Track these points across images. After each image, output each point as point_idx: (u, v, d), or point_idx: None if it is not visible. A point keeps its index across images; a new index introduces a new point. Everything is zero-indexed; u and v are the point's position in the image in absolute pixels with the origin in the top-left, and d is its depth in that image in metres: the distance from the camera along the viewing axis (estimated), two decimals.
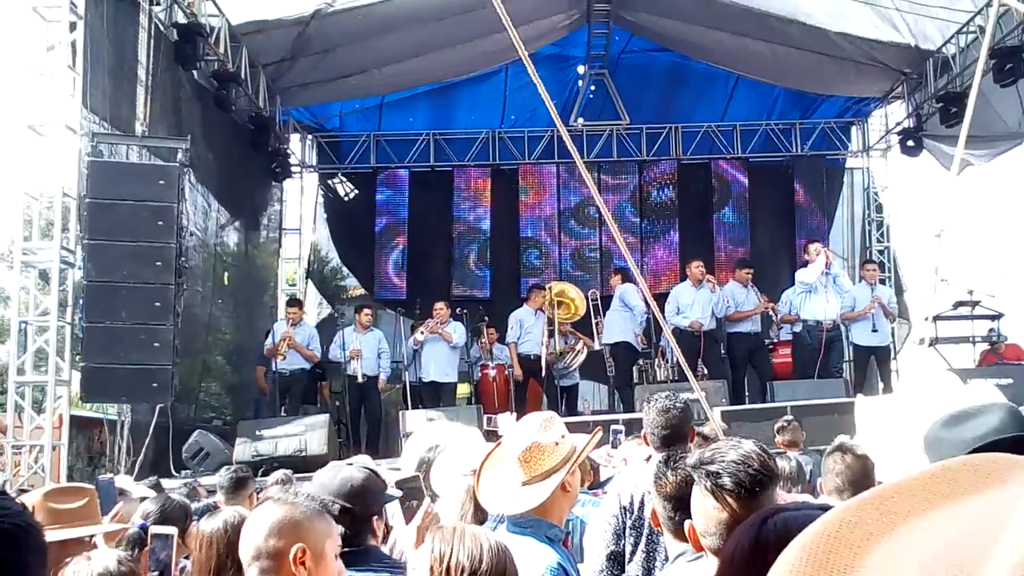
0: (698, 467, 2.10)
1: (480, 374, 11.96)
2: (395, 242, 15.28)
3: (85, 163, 8.93)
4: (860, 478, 3.13)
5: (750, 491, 2.02)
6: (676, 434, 3.75)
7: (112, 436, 11.04)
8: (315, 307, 15.68)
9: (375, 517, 2.81)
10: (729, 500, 2.03)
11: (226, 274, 13.06)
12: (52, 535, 2.40)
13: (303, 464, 8.49)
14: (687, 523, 2.16)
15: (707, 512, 2.07)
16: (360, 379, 11.53)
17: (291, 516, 2.17)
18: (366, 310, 12.11)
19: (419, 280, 14.97)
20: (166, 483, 7.42)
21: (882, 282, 14.26)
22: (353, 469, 2.87)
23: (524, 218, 15.42)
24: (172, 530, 3.49)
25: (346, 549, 2.47)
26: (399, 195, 15.43)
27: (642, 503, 3.65)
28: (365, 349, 11.58)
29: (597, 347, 12.06)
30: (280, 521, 2.16)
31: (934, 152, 13.96)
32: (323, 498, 2.70)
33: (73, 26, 8.93)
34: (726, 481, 2.04)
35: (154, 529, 3.50)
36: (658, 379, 11.82)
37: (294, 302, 12.47)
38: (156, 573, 3.34)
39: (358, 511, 2.73)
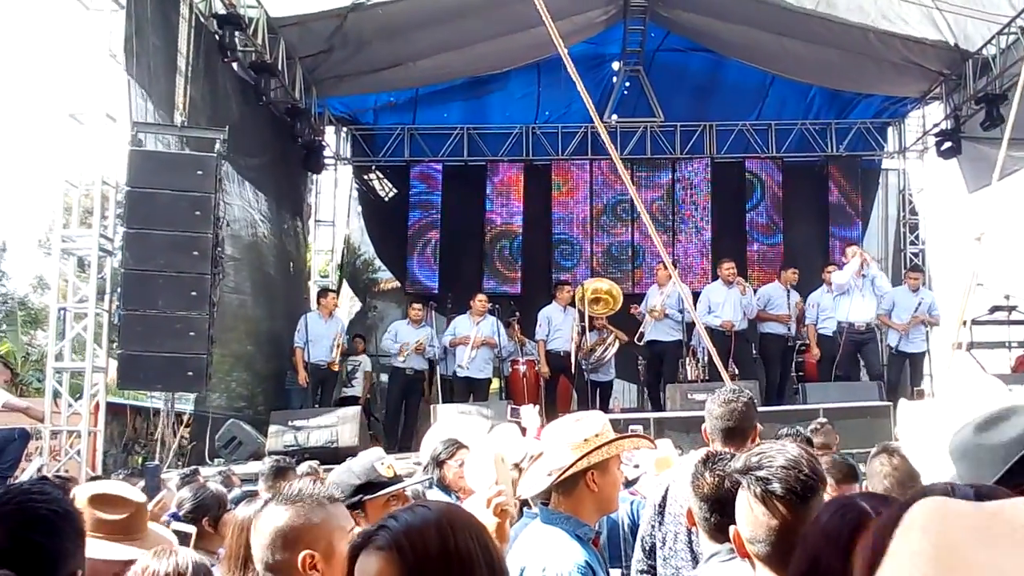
0: (746, 473, 2.05)
1: (510, 369, 11.98)
2: (428, 236, 15.29)
3: (125, 152, 9.02)
4: (907, 480, 3.09)
5: (801, 496, 1.97)
6: (738, 428, 3.63)
7: (146, 423, 11.19)
8: (347, 301, 15.76)
9: None
10: (779, 506, 1.98)
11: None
12: (92, 549, 2.25)
13: (334, 456, 8.53)
14: (732, 529, 2.11)
15: (756, 519, 2.01)
16: (409, 372, 11.69)
17: (292, 523, 2.10)
18: (417, 305, 12.25)
19: (451, 274, 15.00)
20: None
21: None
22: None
23: (556, 214, 15.39)
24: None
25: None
26: (432, 189, 15.45)
27: (664, 499, 3.66)
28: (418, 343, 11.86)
29: (642, 339, 12.03)
30: (282, 531, 2.10)
31: (968, 158, 13.77)
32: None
33: (114, 15, 9.03)
34: (776, 487, 1.98)
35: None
36: (688, 378, 11.78)
37: (327, 291, 12.57)
38: None
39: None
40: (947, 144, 13.86)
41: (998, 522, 0.73)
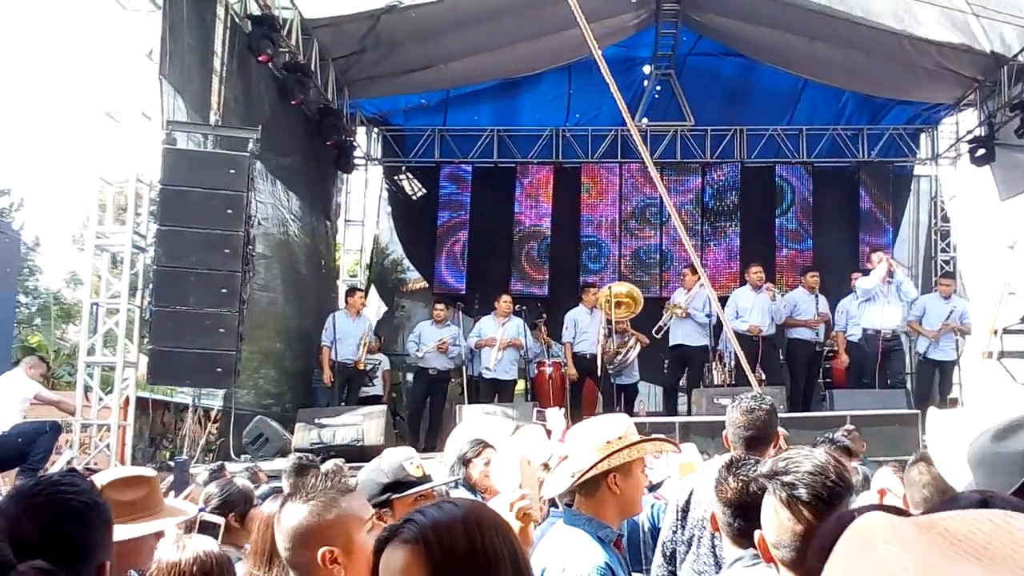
0: (772, 478, 2.06)
1: (536, 371, 11.98)
2: (456, 236, 15.34)
3: (159, 150, 9.12)
4: (946, 488, 3.05)
5: (827, 503, 1.99)
6: (760, 436, 3.63)
7: (174, 419, 11.29)
8: (375, 300, 15.82)
9: None
10: (805, 512, 1.99)
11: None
12: (119, 533, 2.28)
13: (359, 454, 8.58)
14: (757, 533, 2.12)
15: (781, 524, 2.02)
16: (432, 372, 11.74)
17: (308, 522, 2.11)
18: (440, 305, 12.29)
19: (479, 275, 15.03)
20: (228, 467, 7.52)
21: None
22: None
23: (585, 217, 15.39)
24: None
25: None
26: (462, 190, 15.49)
27: (687, 504, 3.66)
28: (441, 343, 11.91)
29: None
30: (299, 530, 2.11)
31: (1002, 165, 13.61)
32: None
33: (152, 15, 9.13)
34: (802, 492, 2.00)
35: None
36: (715, 383, 11.73)
37: (355, 290, 12.65)
38: None
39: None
40: (980, 151, 13.70)
41: (934, 535, 0.73)
